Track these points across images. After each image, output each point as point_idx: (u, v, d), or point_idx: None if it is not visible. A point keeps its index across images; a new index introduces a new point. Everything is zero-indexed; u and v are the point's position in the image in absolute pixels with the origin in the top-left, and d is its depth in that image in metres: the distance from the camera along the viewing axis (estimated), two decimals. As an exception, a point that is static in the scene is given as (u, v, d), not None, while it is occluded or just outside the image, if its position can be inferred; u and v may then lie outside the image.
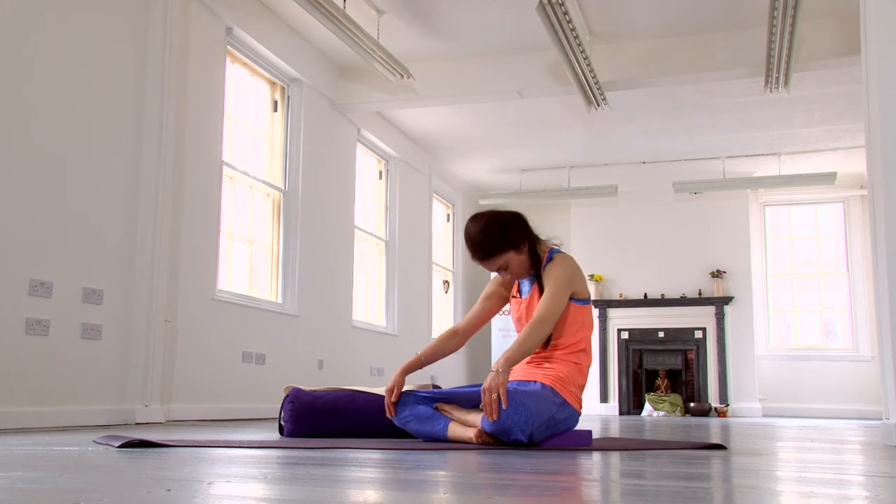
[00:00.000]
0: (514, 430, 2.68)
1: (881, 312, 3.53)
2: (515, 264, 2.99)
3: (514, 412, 2.68)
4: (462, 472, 1.85)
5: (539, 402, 2.75)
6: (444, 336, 3.18)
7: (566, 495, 1.45)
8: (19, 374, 3.94)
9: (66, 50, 4.34)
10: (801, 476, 1.91)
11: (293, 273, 6.67)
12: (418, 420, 3.00)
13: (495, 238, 2.95)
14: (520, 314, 3.08)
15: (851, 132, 8.71)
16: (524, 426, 2.69)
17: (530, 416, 2.70)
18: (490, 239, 2.95)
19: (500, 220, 2.99)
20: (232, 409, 5.69)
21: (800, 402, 10.81)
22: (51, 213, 4.17)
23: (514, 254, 2.97)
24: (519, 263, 2.99)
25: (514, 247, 2.97)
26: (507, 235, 2.96)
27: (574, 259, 3.06)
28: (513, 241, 2.96)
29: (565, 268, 2.95)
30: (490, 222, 2.98)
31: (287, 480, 1.64)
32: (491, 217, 3.01)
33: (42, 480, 1.58)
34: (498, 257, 2.97)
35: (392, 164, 8.94)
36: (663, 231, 10.92)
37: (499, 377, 2.69)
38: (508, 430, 2.69)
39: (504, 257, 2.97)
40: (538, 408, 2.74)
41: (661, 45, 6.67)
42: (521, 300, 3.08)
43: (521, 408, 2.69)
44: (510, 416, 2.67)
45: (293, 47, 6.65)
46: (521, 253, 2.98)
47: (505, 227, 2.97)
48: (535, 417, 2.72)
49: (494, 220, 2.99)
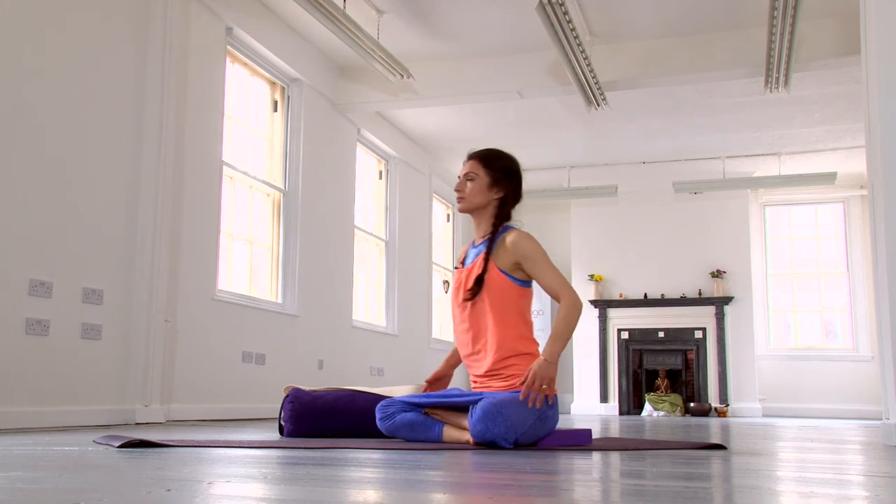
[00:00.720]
0: (498, 440, 2.67)
1: (881, 312, 3.53)
2: (477, 185, 3.02)
3: (493, 424, 2.66)
4: (462, 472, 1.85)
5: (518, 409, 2.72)
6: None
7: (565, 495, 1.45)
8: (19, 374, 3.93)
9: (66, 50, 4.34)
10: (801, 476, 1.91)
11: (293, 273, 6.67)
12: (409, 428, 2.95)
13: (495, 157, 3.05)
14: (459, 282, 3.03)
15: (851, 132, 8.71)
16: (506, 435, 2.67)
17: (510, 427, 2.67)
18: (493, 153, 3.07)
19: (511, 159, 3.09)
20: (232, 409, 5.69)
21: (800, 402, 10.81)
22: (51, 212, 4.17)
23: (488, 179, 3.01)
24: (479, 188, 3.01)
25: (497, 179, 3.02)
26: (502, 162, 3.05)
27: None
28: (500, 170, 3.03)
29: (534, 242, 2.93)
30: (510, 156, 3.10)
31: (287, 480, 1.64)
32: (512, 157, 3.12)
33: (42, 480, 1.58)
34: (479, 167, 3.02)
35: (392, 164, 8.94)
36: (663, 231, 10.92)
37: (549, 368, 2.72)
38: (492, 442, 2.68)
39: (481, 172, 3.02)
40: (518, 415, 2.71)
41: (661, 45, 6.67)
42: (464, 269, 3.05)
43: (499, 418, 2.67)
44: (489, 429, 2.66)
45: (293, 47, 6.65)
46: (491, 189, 3.02)
47: (511, 162, 3.07)
48: (518, 425, 2.70)
49: (513, 159, 3.09)
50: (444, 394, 3.01)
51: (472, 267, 2.98)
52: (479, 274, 2.92)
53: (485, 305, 2.92)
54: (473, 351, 2.97)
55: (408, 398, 3.01)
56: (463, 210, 3.07)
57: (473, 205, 3.03)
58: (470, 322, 2.97)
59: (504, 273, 2.91)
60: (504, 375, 2.88)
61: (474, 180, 3.01)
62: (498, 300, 2.91)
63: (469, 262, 3.06)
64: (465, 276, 3.00)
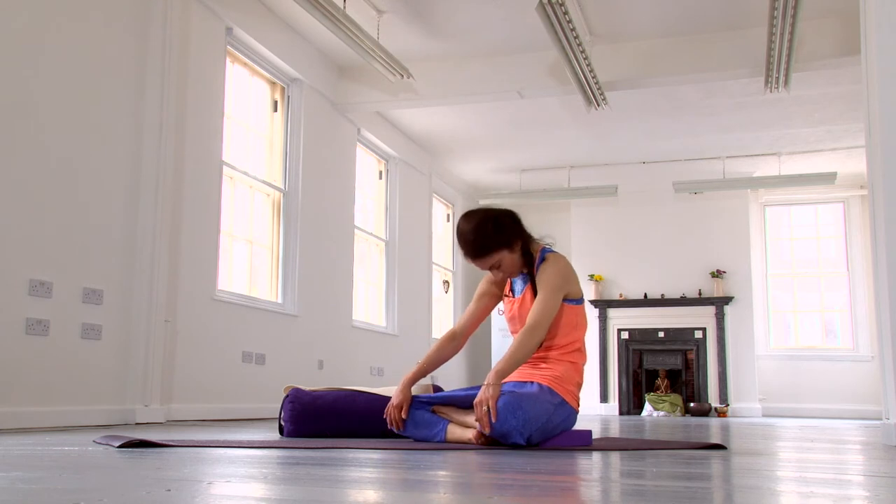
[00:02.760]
0: (513, 434, 2.67)
1: (881, 312, 3.53)
2: (508, 263, 2.96)
3: (512, 416, 2.66)
4: (462, 472, 1.85)
5: (536, 405, 2.74)
6: (442, 341, 3.15)
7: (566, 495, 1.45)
8: (19, 374, 3.93)
9: (66, 50, 4.34)
10: (801, 476, 1.91)
11: (293, 273, 6.67)
12: (415, 425, 2.98)
13: (488, 237, 2.91)
14: (513, 314, 3.06)
15: (851, 132, 8.71)
16: (522, 430, 2.67)
17: (528, 420, 2.68)
18: (482, 238, 2.91)
19: (493, 219, 2.95)
20: (232, 409, 5.69)
21: (800, 402, 10.81)
22: (51, 212, 4.17)
23: (506, 252, 2.94)
24: (511, 262, 2.97)
25: (507, 245, 2.94)
26: (499, 234, 2.92)
27: (566, 259, 3.04)
28: (505, 239, 2.93)
29: (558, 269, 2.92)
30: (483, 220, 2.94)
31: (287, 480, 1.64)
32: (484, 215, 2.96)
33: (42, 480, 1.58)
34: (490, 256, 2.94)
35: (392, 164, 8.94)
36: (663, 231, 10.92)
37: (489, 390, 2.69)
38: (507, 434, 2.68)
39: (496, 256, 2.94)
40: (535, 410, 2.72)
41: (661, 45, 6.67)
42: (514, 300, 3.06)
43: (519, 411, 2.67)
44: (507, 421, 2.66)
45: (293, 47, 6.65)
46: (513, 252, 2.95)
47: (498, 225, 2.93)
48: (533, 420, 2.71)
49: (487, 218, 2.95)
50: (450, 392, 3.04)
51: (523, 299, 3.01)
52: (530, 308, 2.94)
53: None
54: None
55: (417, 397, 3.03)
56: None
57: (518, 272, 3.03)
58: None
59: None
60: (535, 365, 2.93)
61: (500, 266, 2.98)
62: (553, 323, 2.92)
63: (518, 291, 3.07)
64: (518, 308, 3.02)
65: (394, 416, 3.00)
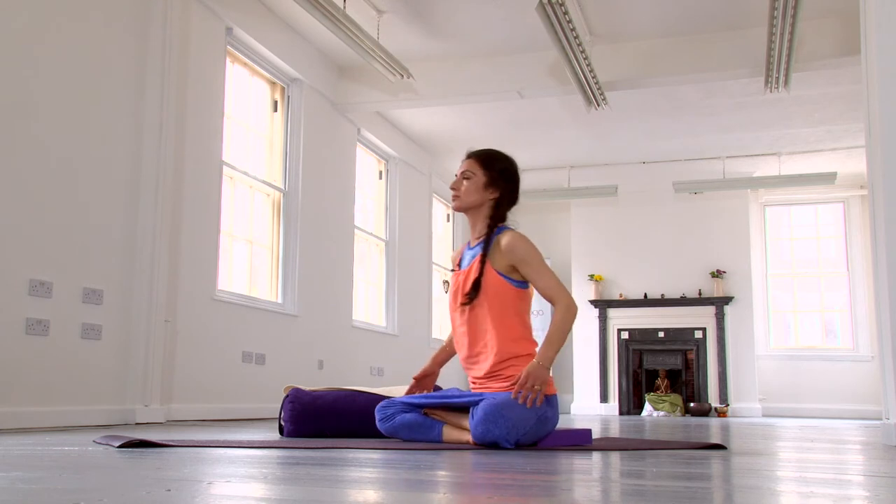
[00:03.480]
0: (500, 441, 2.67)
1: (881, 312, 3.53)
2: (473, 186, 2.98)
3: (494, 426, 2.65)
4: (462, 472, 1.85)
5: (519, 410, 2.71)
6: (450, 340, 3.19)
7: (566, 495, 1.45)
8: (19, 374, 3.93)
9: (66, 50, 4.34)
10: (801, 476, 1.91)
11: (293, 273, 6.67)
12: (409, 429, 2.94)
13: (497, 160, 3.01)
14: (457, 286, 3.02)
15: (851, 132, 8.72)
16: (508, 436, 2.67)
17: (511, 427, 2.67)
18: (496, 157, 3.02)
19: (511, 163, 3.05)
20: (232, 409, 5.69)
21: (800, 402, 10.81)
22: (51, 212, 4.17)
23: (485, 179, 2.98)
24: (476, 189, 2.98)
25: (494, 179, 2.98)
26: (502, 169, 3.01)
27: None
28: (500, 175, 2.99)
29: (529, 244, 2.89)
30: (509, 158, 3.06)
31: (287, 480, 1.64)
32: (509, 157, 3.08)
33: (42, 480, 1.58)
34: (478, 167, 2.99)
35: (392, 164, 8.94)
36: (663, 231, 10.92)
37: (543, 373, 2.71)
38: (493, 442, 2.68)
39: (479, 172, 2.99)
40: (519, 415, 2.70)
41: (661, 45, 6.67)
42: (460, 272, 3.03)
43: (500, 420, 2.66)
44: (491, 431, 2.66)
45: (293, 47, 6.65)
46: (487, 189, 2.98)
47: (508, 166, 3.03)
48: (519, 425, 2.69)
49: (509, 158, 3.06)
50: (443, 394, 3.00)
51: (469, 270, 2.96)
52: (475, 277, 2.90)
53: (483, 308, 2.90)
54: (472, 353, 2.95)
55: (407, 399, 3.00)
56: (457, 208, 3.04)
57: (468, 203, 3.01)
58: (468, 325, 2.95)
59: (501, 275, 2.89)
60: (504, 376, 2.87)
61: (471, 179, 2.99)
62: (496, 303, 2.89)
63: (465, 264, 3.03)
64: (463, 279, 2.98)
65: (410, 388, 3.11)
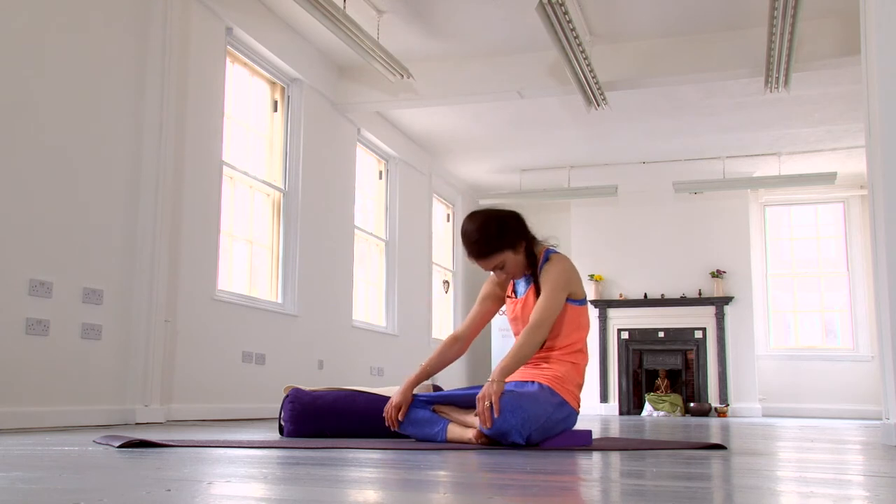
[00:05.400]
0: (512, 432, 2.68)
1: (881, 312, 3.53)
2: (511, 264, 2.96)
3: (511, 415, 2.66)
4: (462, 472, 1.85)
5: (536, 404, 2.74)
6: (445, 344, 3.15)
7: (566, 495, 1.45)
8: (19, 374, 3.93)
9: (66, 50, 4.34)
10: (801, 476, 1.91)
11: (293, 273, 6.67)
12: (415, 424, 2.98)
13: (492, 237, 2.92)
14: (515, 314, 3.05)
15: (851, 132, 8.71)
16: (521, 429, 2.68)
17: (527, 419, 2.69)
18: (486, 238, 2.92)
19: (497, 219, 2.96)
20: (232, 409, 5.69)
21: (800, 402, 10.81)
22: (51, 212, 4.17)
23: (510, 253, 2.94)
24: (515, 263, 2.97)
25: (511, 247, 2.94)
26: (503, 235, 2.93)
27: (570, 259, 3.04)
28: (509, 241, 2.93)
29: (561, 269, 2.92)
30: (487, 221, 2.94)
31: (287, 480, 1.64)
32: (488, 216, 2.97)
33: (42, 480, 1.58)
34: (494, 257, 2.94)
35: (392, 164, 8.94)
36: (663, 231, 10.92)
37: (493, 386, 2.69)
38: (506, 433, 2.68)
39: (500, 257, 2.94)
40: (535, 410, 2.72)
41: (661, 45, 6.67)
42: (517, 300, 3.06)
43: (518, 410, 2.67)
44: (507, 420, 2.66)
45: (293, 47, 6.65)
46: (517, 253, 2.96)
47: (502, 226, 2.94)
48: (533, 420, 2.71)
49: (491, 218, 2.96)
50: (450, 391, 3.04)
51: (526, 300, 3.00)
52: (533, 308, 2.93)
53: None
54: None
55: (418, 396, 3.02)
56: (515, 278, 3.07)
57: (522, 273, 3.03)
58: None
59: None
60: (539, 366, 2.92)
61: (503, 266, 2.98)
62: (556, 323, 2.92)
63: (521, 293, 3.06)
64: (522, 309, 3.01)
65: (391, 416, 2.99)
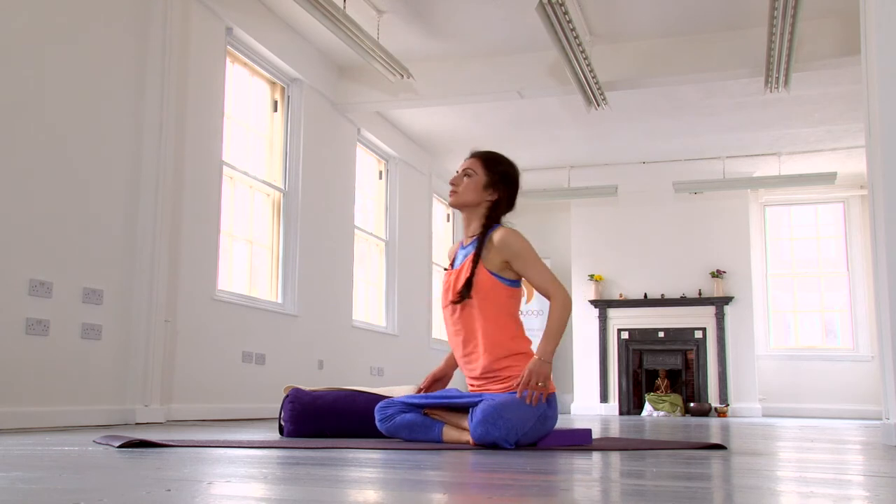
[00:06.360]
0: (499, 442, 2.67)
1: (881, 312, 3.53)
2: (473, 185, 3.01)
3: (493, 427, 2.65)
4: (461, 472, 1.85)
5: (518, 410, 2.71)
6: None
7: (566, 495, 1.45)
8: (19, 374, 3.93)
9: (66, 50, 4.34)
10: (801, 476, 1.91)
11: (293, 273, 6.67)
12: (409, 429, 2.94)
13: (500, 163, 3.05)
14: (447, 284, 3.02)
15: (851, 132, 8.71)
16: (507, 437, 2.67)
17: (510, 428, 2.67)
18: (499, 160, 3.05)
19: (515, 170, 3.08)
20: (232, 409, 5.69)
21: (800, 402, 10.81)
22: (51, 212, 4.17)
23: (485, 179, 3.00)
24: (474, 188, 3.01)
25: (494, 181, 3.01)
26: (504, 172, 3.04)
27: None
28: (500, 178, 3.02)
29: (523, 239, 2.92)
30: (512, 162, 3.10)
31: (287, 480, 1.64)
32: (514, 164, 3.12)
33: (42, 480, 1.58)
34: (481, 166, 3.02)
35: (392, 164, 8.94)
36: (663, 231, 10.92)
37: (544, 367, 2.74)
38: (493, 443, 2.68)
39: (481, 171, 3.01)
40: (518, 416, 2.70)
41: (661, 45, 6.67)
42: (452, 271, 3.03)
43: (500, 421, 2.66)
44: (490, 432, 2.65)
45: (293, 47, 6.65)
46: (486, 189, 3.01)
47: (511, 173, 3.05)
48: (518, 426, 2.70)
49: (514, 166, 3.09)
50: (442, 394, 2.99)
51: (461, 269, 2.97)
52: (467, 276, 2.91)
53: (474, 308, 2.91)
54: (465, 353, 2.96)
55: (407, 399, 2.99)
56: (453, 204, 3.07)
57: (464, 201, 3.03)
58: (460, 324, 2.95)
59: (493, 274, 2.90)
60: (502, 377, 2.87)
61: (471, 177, 3.01)
62: (487, 302, 2.89)
63: (458, 263, 3.04)
64: (454, 278, 2.98)
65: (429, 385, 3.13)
